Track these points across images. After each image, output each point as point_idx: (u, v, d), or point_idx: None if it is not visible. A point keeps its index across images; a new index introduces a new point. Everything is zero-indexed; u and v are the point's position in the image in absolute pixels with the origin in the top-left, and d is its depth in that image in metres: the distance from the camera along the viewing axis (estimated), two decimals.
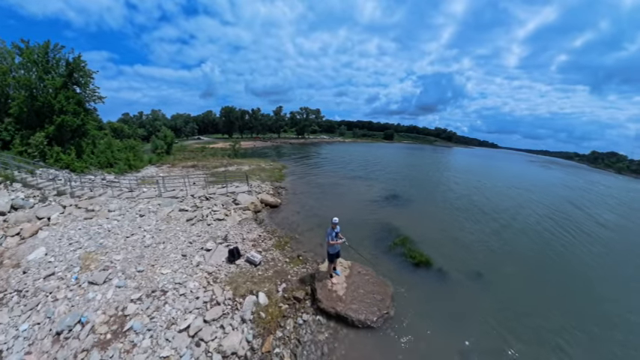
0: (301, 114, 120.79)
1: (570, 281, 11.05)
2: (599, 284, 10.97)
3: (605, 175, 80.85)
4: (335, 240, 8.07)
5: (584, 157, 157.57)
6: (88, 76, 25.33)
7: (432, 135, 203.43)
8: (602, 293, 10.29)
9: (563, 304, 9.37)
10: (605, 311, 9.13)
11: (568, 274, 11.66)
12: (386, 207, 19.11)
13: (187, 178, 18.75)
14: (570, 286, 10.70)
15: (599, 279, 11.42)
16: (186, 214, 13.78)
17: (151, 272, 8.45)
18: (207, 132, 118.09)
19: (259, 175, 24.86)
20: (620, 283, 11.31)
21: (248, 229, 12.73)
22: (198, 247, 10.31)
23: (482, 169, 55.38)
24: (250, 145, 70.36)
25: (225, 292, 7.67)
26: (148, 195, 16.73)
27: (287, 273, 9.25)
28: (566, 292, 10.17)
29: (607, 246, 15.42)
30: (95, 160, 25.30)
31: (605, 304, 9.52)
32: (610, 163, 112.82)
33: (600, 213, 23.73)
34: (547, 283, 10.77)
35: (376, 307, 7.90)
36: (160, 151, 38.30)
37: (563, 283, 10.85)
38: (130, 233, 11.30)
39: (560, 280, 11.05)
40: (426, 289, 9.45)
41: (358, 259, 10.44)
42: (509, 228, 16.93)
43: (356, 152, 66.97)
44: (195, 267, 8.86)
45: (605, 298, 9.91)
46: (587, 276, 11.64)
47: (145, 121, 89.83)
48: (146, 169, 28.94)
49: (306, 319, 7.42)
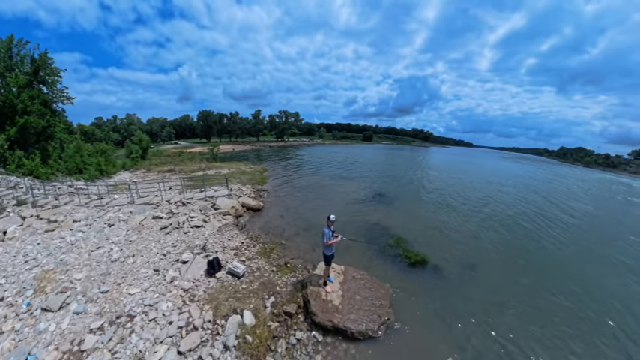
0: (280, 117, 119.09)
1: (548, 262, 11.91)
2: (573, 264, 11.91)
3: (573, 168, 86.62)
4: (332, 239, 7.29)
5: (554, 153, 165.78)
6: (55, 75, 23.04)
7: (410, 136, 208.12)
8: (579, 272, 11.16)
9: (547, 285, 9.92)
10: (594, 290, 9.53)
11: (546, 256, 12.54)
12: (372, 206, 18.51)
13: (163, 183, 17.18)
14: (549, 267, 11.51)
15: (572, 260, 12.42)
16: (161, 222, 12.37)
17: (116, 292, 7.11)
18: (184, 137, 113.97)
19: (240, 179, 23.52)
20: (589, 263, 12.23)
21: (229, 236, 11.54)
22: (172, 260, 9.00)
23: (460, 166, 56.81)
24: (229, 149, 68.02)
25: (204, 313, 6.46)
26: (119, 202, 15.05)
27: (275, 284, 8.20)
28: (547, 274, 10.86)
29: (577, 229, 16.66)
30: (63, 166, 22.88)
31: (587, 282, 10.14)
32: (578, 158, 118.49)
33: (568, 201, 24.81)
34: (530, 267, 11.28)
35: (376, 314, 7.24)
36: (135, 156, 35.72)
37: (542, 266, 11.55)
38: (95, 246, 9.80)
39: (539, 263, 11.74)
40: (424, 288, 9.05)
41: (352, 261, 9.78)
42: (490, 219, 17.32)
43: (337, 154, 66.56)
44: (168, 283, 7.57)
45: (587, 276, 10.75)
46: (562, 257, 12.60)
47: (120, 125, 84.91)
48: (119, 174, 26.58)
49: (300, 337, 6.43)
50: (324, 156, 58.03)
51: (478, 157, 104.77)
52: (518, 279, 10.20)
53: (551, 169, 68.66)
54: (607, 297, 9.44)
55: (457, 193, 24.83)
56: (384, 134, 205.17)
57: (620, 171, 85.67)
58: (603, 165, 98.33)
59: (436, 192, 25.18)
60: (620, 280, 10.72)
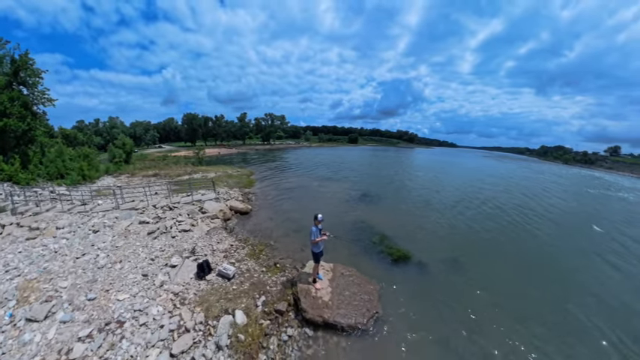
0: (266, 120, 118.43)
1: (526, 252, 12.70)
2: (548, 252, 12.74)
3: (553, 165, 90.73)
4: (319, 237, 7.44)
5: (535, 151, 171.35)
6: (36, 76, 21.96)
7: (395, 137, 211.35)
8: (554, 260, 11.94)
9: (525, 273, 10.65)
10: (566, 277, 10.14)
11: (524, 246, 13.41)
12: (359, 206, 18.80)
13: (148, 188, 16.80)
14: (527, 256, 12.25)
15: (548, 248, 13.29)
16: (148, 227, 12.13)
17: (104, 299, 6.95)
18: (168, 140, 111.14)
19: (227, 182, 23.29)
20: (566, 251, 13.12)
21: (218, 239, 11.46)
22: (161, 264, 8.87)
23: (443, 166, 58.50)
24: (215, 153, 66.96)
25: (196, 315, 6.43)
26: (104, 208, 14.60)
27: (265, 284, 8.25)
28: (525, 263, 11.58)
29: (552, 221, 17.68)
30: (44, 171, 21.88)
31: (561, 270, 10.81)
32: (558, 156, 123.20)
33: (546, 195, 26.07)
34: (508, 258, 11.94)
35: (365, 308, 7.44)
36: (118, 161, 34.52)
37: (520, 255, 12.27)
38: (80, 253, 9.51)
39: (517, 253, 12.48)
40: (409, 282, 9.36)
41: (340, 259, 9.96)
42: (470, 214, 18.11)
43: (323, 156, 66.79)
44: (158, 288, 7.47)
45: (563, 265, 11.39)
46: (538, 246, 13.49)
47: (102, 128, 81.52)
48: (102, 179, 25.66)
49: (292, 333, 6.53)
50: (311, 158, 58.16)
51: (461, 156, 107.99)
52: (498, 269, 10.78)
53: (532, 167, 71.83)
54: (575, 277, 10.56)
55: (439, 192, 25.60)
56: (370, 136, 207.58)
57: (597, 167, 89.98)
58: (581, 162, 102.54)
59: (419, 191, 25.85)
60: (587, 262, 11.92)
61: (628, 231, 16.39)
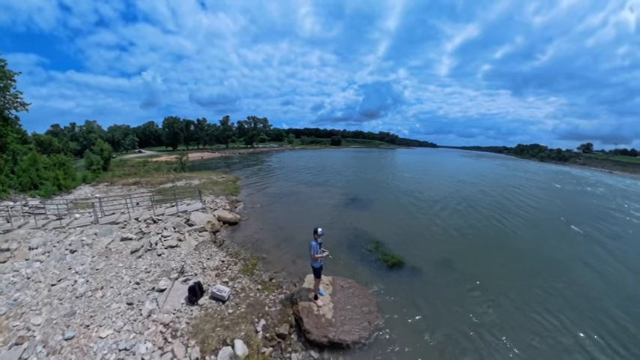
0: (249, 123, 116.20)
1: (510, 248, 13.35)
2: (533, 245, 13.56)
3: (530, 163, 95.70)
4: (320, 253, 7.07)
5: (512, 150, 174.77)
6: (8, 78, 19.84)
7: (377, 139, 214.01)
8: (538, 252, 12.74)
9: (511, 268, 11.21)
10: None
11: (511, 243, 13.94)
12: (349, 212, 18.45)
13: (130, 198, 15.54)
14: (511, 252, 12.90)
15: (531, 241, 14.09)
16: (131, 244, 11.11)
17: (84, 338, 6.01)
18: (149, 145, 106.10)
19: (212, 190, 22.21)
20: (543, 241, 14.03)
21: (208, 255, 10.65)
22: (148, 289, 7.97)
23: (426, 166, 60.01)
24: (198, 157, 64.68)
25: (191, 350, 5.67)
26: (82, 222, 13.31)
27: (263, 304, 7.62)
28: (510, 258, 12.18)
29: (533, 215, 18.55)
30: (16, 181, 19.80)
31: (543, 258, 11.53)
32: (534, 153, 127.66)
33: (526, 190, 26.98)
34: (498, 255, 12.44)
35: (366, 321, 7.19)
36: (96, 168, 32.02)
37: (509, 253, 12.79)
38: (56, 279, 8.40)
39: (506, 251, 13.02)
40: (406, 287, 9.36)
41: (338, 271, 9.59)
42: (454, 215, 18.41)
43: (308, 159, 66.29)
44: (145, 319, 6.61)
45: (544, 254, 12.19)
46: (524, 241, 14.17)
47: (78, 133, 76.44)
48: (79, 188, 23.61)
49: (296, 359, 6.03)
50: (296, 161, 57.51)
51: (442, 156, 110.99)
52: (487, 267, 11.00)
53: (509, 164, 74.95)
54: (559, 263, 11.65)
55: (424, 193, 25.88)
56: (352, 138, 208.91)
57: (570, 163, 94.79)
58: (556, 159, 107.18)
59: (406, 193, 25.98)
60: (570, 249, 13.28)
61: (600, 225, 17.30)
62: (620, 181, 49.64)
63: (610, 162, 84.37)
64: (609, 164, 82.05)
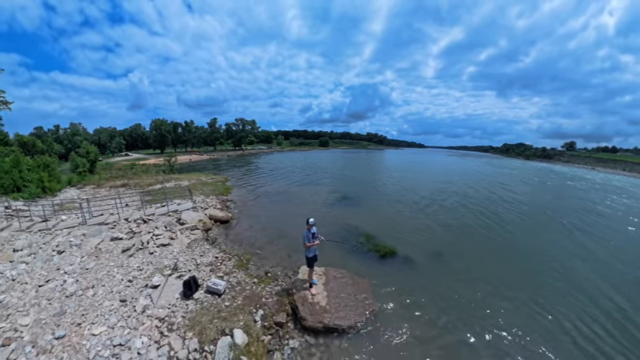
0: (237, 125, 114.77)
1: (497, 238, 13.72)
2: (520, 236, 13.93)
3: (516, 161, 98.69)
4: (312, 241, 7.16)
5: (498, 149, 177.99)
6: None
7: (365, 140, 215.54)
8: (526, 243, 13.03)
9: (499, 256, 11.59)
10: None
11: (498, 234, 14.33)
12: (339, 208, 18.59)
13: (119, 199, 15.10)
14: (499, 242, 13.30)
15: (518, 233, 14.49)
16: (122, 244, 10.80)
17: (76, 336, 5.80)
18: (136, 147, 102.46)
19: (202, 190, 21.85)
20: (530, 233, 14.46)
21: (201, 252, 10.50)
22: (141, 286, 7.78)
23: (414, 165, 61.08)
24: (186, 160, 63.35)
25: (188, 342, 5.57)
26: (69, 224, 12.80)
27: (260, 296, 7.60)
28: (498, 247, 12.62)
29: (520, 209, 18.99)
30: None
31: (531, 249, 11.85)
32: (519, 152, 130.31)
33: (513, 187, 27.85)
34: (487, 245, 12.78)
35: (362, 307, 7.36)
36: (82, 170, 30.78)
37: (497, 242, 13.18)
38: (44, 280, 8.05)
39: (494, 241, 13.37)
40: (399, 275, 9.55)
41: (331, 262, 9.63)
42: (444, 209, 18.91)
43: (296, 160, 66.15)
44: (140, 314, 6.45)
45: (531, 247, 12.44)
46: (510, 232, 14.58)
47: (63, 136, 73.10)
48: (65, 191, 22.66)
49: (294, 345, 6.07)
50: (284, 162, 57.28)
51: (430, 156, 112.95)
52: (479, 256, 11.33)
53: (495, 162, 77.37)
54: (545, 253, 11.95)
55: (413, 190, 26.46)
56: (340, 139, 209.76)
57: (555, 161, 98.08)
58: (541, 157, 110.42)
59: (395, 190, 26.47)
60: (557, 240, 13.57)
61: (585, 218, 18.14)
62: (603, 177, 52.92)
63: (592, 159, 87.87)
64: (592, 161, 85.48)
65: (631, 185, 39.27)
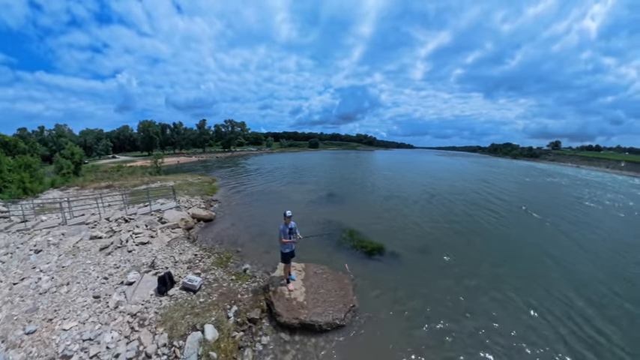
0: (226, 127, 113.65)
1: (486, 236, 13.72)
2: (504, 233, 14.21)
3: (503, 160, 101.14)
4: (289, 238, 7.10)
5: (486, 149, 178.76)
6: None
7: (355, 141, 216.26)
8: (510, 238, 13.44)
9: (484, 252, 11.62)
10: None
11: (484, 231, 14.47)
12: (325, 206, 18.69)
13: (100, 199, 14.77)
14: (483, 238, 13.41)
15: (503, 230, 14.72)
16: (100, 242, 10.58)
17: (47, 331, 5.70)
18: (123, 150, 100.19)
19: (188, 190, 21.57)
20: None
21: (180, 250, 10.39)
22: (116, 283, 7.66)
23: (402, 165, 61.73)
24: (174, 162, 62.27)
25: (158, 337, 5.52)
26: (48, 224, 12.47)
27: (236, 292, 7.58)
28: (483, 243, 12.65)
29: (505, 206, 19.26)
30: None
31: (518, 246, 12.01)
32: (507, 151, 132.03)
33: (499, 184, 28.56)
34: (471, 242, 12.71)
35: (341, 303, 7.22)
36: (66, 172, 29.79)
37: (482, 239, 13.18)
38: (18, 278, 7.89)
39: (479, 238, 13.31)
40: (383, 273, 9.39)
41: (311, 259, 9.61)
42: (431, 205, 19.19)
43: (286, 161, 65.92)
44: (112, 310, 6.38)
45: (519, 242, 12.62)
46: (495, 230, 14.75)
47: (48, 137, 70.96)
48: (47, 192, 21.92)
49: (266, 342, 6.05)
50: (274, 164, 56.98)
51: (419, 156, 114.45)
52: (464, 254, 11.32)
53: (482, 161, 79.27)
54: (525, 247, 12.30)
55: (400, 188, 26.79)
56: (330, 140, 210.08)
57: (541, 159, 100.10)
58: (528, 156, 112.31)
59: (381, 188, 26.69)
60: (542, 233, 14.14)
61: (565, 214, 18.68)
62: (587, 174, 55.76)
63: (577, 157, 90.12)
64: (576, 159, 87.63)
65: (612, 181, 41.44)
